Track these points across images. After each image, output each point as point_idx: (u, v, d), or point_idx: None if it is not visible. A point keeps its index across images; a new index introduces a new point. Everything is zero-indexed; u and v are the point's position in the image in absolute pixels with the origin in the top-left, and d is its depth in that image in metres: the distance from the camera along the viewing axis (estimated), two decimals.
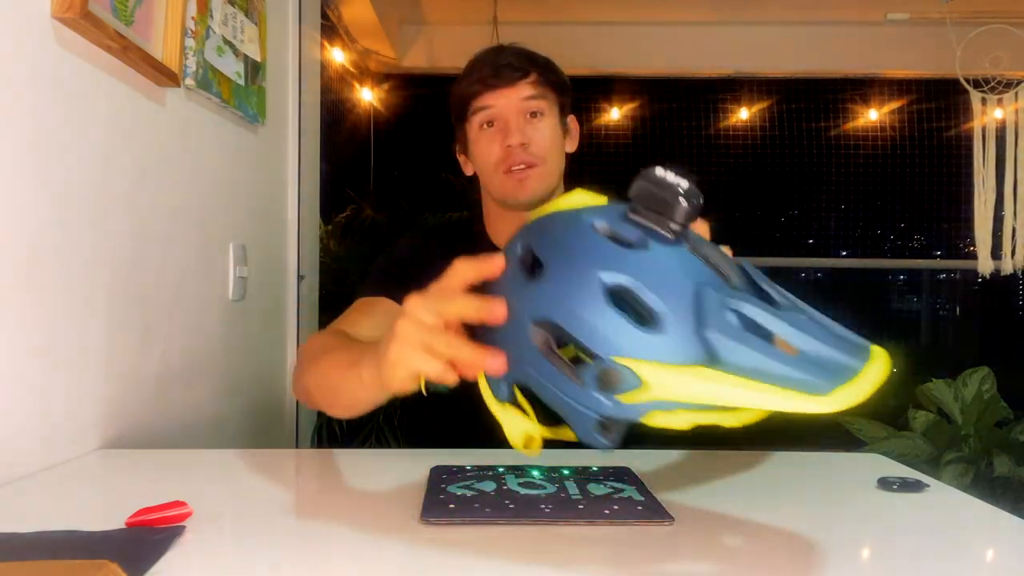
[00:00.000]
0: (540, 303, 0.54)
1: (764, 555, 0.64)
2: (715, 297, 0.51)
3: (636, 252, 0.53)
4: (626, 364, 0.50)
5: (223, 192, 1.50)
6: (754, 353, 0.48)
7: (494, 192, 1.17)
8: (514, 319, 0.56)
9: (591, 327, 0.51)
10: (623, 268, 0.52)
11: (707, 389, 0.48)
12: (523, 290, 0.56)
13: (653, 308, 0.51)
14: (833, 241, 4.21)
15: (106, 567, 0.50)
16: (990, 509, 0.79)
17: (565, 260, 0.54)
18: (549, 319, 0.53)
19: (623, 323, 0.51)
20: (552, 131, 1.16)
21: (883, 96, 4.04)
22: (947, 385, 2.74)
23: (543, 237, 0.58)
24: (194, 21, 1.30)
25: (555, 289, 0.53)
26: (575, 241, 0.55)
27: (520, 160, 1.13)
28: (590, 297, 0.52)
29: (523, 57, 1.16)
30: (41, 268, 0.93)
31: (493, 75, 1.13)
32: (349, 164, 3.77)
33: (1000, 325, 4.21)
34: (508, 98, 1.14)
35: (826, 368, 0.48)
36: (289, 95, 1.91)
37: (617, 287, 0.52)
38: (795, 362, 0.48)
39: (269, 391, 1.81)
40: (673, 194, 0.55)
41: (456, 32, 3.98)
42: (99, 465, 0.98)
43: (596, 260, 0.53)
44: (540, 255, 0.56)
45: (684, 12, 3.81)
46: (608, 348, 0.51)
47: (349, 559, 0.63)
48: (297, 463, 0.98)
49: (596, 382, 0.52)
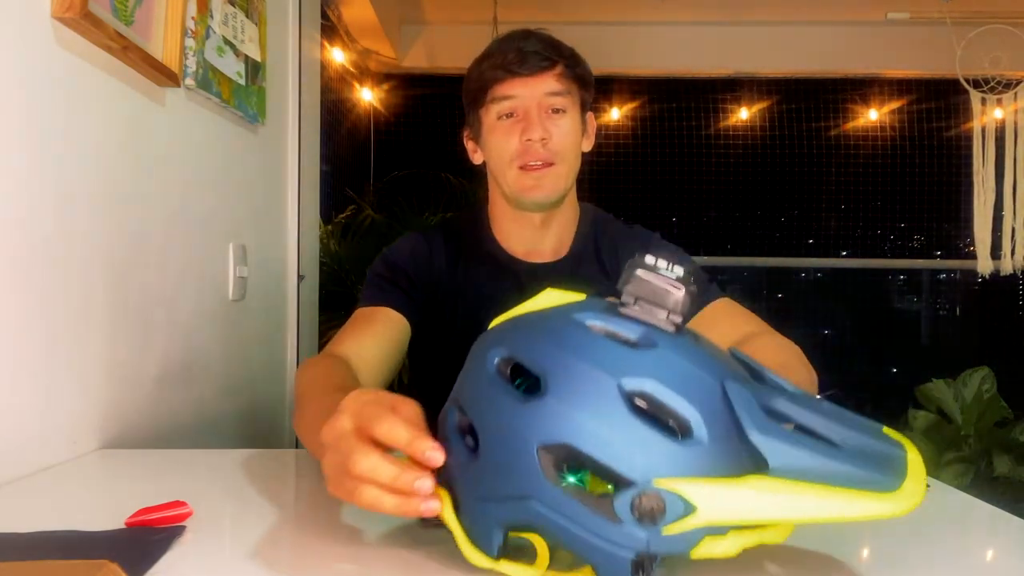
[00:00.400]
0: (548, 423, 0.45)
1: (764, 556, 0.64)
2: (745, 394, 0.45)
3: (645, 352, 0.46)
4: (670, 487, 0.42)
5: (223, 192, 1.50)
6: (807, 453, 0.42)
7: (506, 188, 1.11)
8: (512, 445, 0.46)
9: (618, 446, 0.43)
10: (640, 371, 0.45)
11: (767, 503, 0.42)
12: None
13: (682, 414, 0.44)
14: (833, 241, 4.21)
15: (106, 567, 0.50)
16: (990, 509, 0.79)
17: (571, 368, 0.46)
18: (561, 442, 0.44)
19: (656, 437, 0.43)
20: (573, 129, 1.09)
21: (883, 96, 4.04)
22: (947, 385, 2.75)
23: (532, 344, 0.49)
24: (194, 21, 1.30)
25: (565, 405, 0.45)
26: (576, 345, 0.47)
27: (538, 157, 1.06)
28: (612, 410, 0.44)
29: (551, 46, 1.08)
30: (41, 268, 0.93)
31: (518, 62, 1.05)
32: (349, 164, 3.77)
33: (1000, 325, 4.21)
34: (532, 89, 1.06)
35: (878, 461, 0.44)
36: (289, 95, 1.91)
37: (638, 394, 0.45)
38: (850, 458, 0.43)
39: (269, 391, 1.81)
40: (671, 282, 0.48)
41: (456, 32, 3.98)
42: (99, 465, 0.98)
43: (608, 365, 0.45)
44: (535, 367, 0.47)
45: (684, 12, 3.81)
46: (645, 470, 0.43)
47: (349, 559, 0.63)
48: (297, 463, 0.98)
49: (634, 513, 0.43)
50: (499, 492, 0.47)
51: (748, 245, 4.15)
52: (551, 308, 0.52)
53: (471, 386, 0.51)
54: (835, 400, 0.51)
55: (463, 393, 0.51)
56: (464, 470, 0.49)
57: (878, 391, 4.21)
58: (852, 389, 4.26)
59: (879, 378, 4.22)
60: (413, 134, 4.11)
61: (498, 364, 0.49)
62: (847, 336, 4.34)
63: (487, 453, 0.47)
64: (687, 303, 0.48)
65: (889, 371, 4.25)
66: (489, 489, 0.47)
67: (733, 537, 0.44)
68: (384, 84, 4.10)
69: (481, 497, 0.48)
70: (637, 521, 0.43)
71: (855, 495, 0.41)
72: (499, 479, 0.47)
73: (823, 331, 4.33)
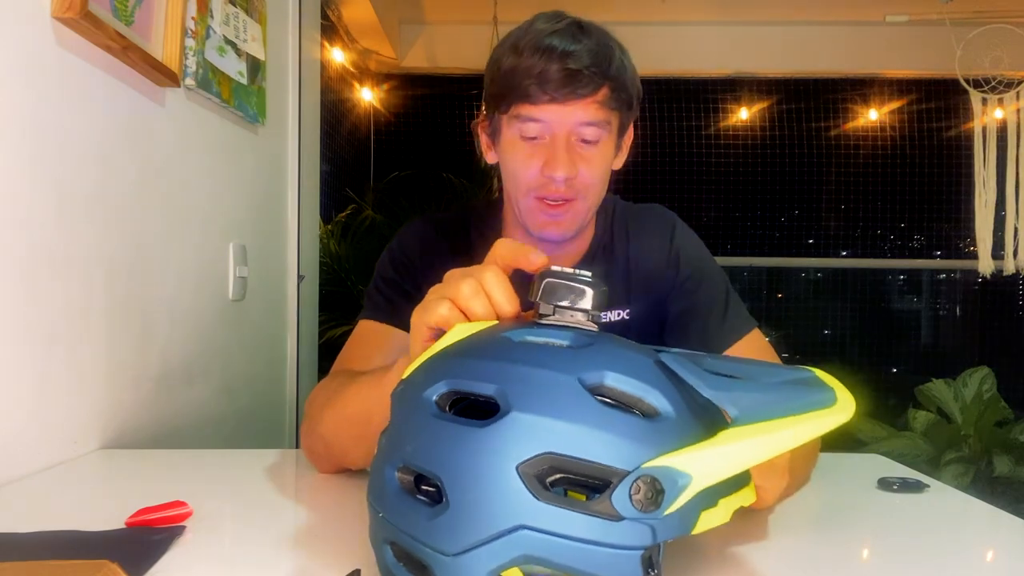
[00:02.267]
0: (520, 439, 0.43)
1: (764, 556, 0.64)
2: (682, 360, 0.46)
3: (585, 350, 0.47)
4: (661, 465, 0.42)
5: (223, 192, 1.50)
6: (758, 395, 0.44)
7: (519, 215, 0.97)
8: (487, 476, 0.43)
9: (600, 441, 0.43)
10: (592, 367, 0.45)
11: (751, 449, 0.43)
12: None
13: (645, 398, 0.45)
14: (833, 241, 4.21)
15: (106, 567, 0.50)
16: (990, 509, 0.79)
17: (528, 378, 0.45)
18: (540, 453, 0.43)
19: (632, 421, 0.44)
20: (603, 161, 0.93)
21: (883, 96, 4.04)
22: (947, 385, 2.75)
23: (474, 369, 0.47)
24: (194, 21, 1.30)
25: (534, 415, 0.43)
26: (522, 357, 0.46)
27: (559, 195, 0.91)
28: (583, 407, 0.43)
29: (602, 58, 0.89)
30: (41, 268, 0.93)
31: (559, 84, 0.86)
32: (349, 164, 3.77)
33: (1000, 325, 4.21)
34: (565, 117, 0.89)
35: (806, 384, 0.46)
36: (289, 95, 1.91)
37: (599, 388, 0.45)
38: (789, 389, 0.45)
39: (269, 391, 1.81)
40: (584, 283, 0.50)
41: (456, 32, 3.98)
42: (99, 465, 0.98)
43: (562, 367, 0.45)
44: (484, 389, 0.45)
45: (684, 12, 3.81)
46: (633, 457, 0.42)
47: (349, 559, 0.63)
48: (297, 463, 0.98)
49: (634, 503, 0.42)
50: (482, 535, 0.43)
51: (748, 245, 4.15)
52: (471, 336, 0.51)
53: (412, 436, 0.47)
54: None
55: (401, 447, 0.47)
56: (429, 529, 0.44)
57: (878, 391, 4.21)
58: (852, 389, 4.25)
59: (879, 378, 4.22)
60: (413, 134, 4.11)
61: (437, 401, 0.47)
62: (847, 336, 4.34)
63: (457, 496, 0.43)
64: (603, 300, 0.50)
65: (889, 371, 4.25)
66: (469, 536, 0.43)
67: (723, 504, 0.45)
68: (384, 84, 4.10)
69: (461, 550, 0.43)
70: (639, 510, 0.42)
71: (813, 416, 0.43)
72: (480, 520, 0.43)
73: (823, 331, 4.33)
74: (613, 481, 0.42)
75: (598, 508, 0.42)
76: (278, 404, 1.86)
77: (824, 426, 0.44)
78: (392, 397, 0.51)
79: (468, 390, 0.46)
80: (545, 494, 0.42)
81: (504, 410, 0.44)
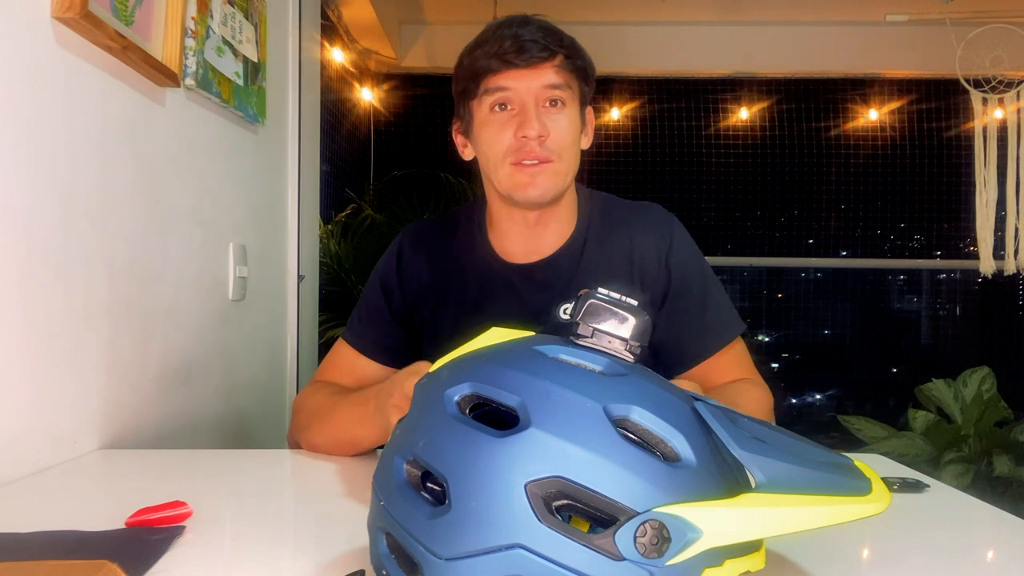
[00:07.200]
0: (534, 457, 0.41)
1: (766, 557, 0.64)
2: (717, 413, 0.44)
3: (617, 380, 0.45)
4: (673, 513, 0.40)
5: (223, 192, 1.50)
6: (789, 466, 0.42)
7: (499, 185, 1.03)
8: (494, 487, 0.42)
9: (615, 475, 0.41)
10: (621, 398, 0.43)
11: (768, 518, 0.41)
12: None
13: (669, 440, 0.43)
14: (833, 241, 4.21)
15: (106, 567, 0.50)
16: (990, 509, 0.79)
17: (553, 396, 0.43)
18: (551, 476, 0.41)
19: (651, 462, 0.41)
20: (571, 124, 1.02)
21: (883, 96, 4.04)
22: (947, 385, 2.74)
23: (501, 377, 0.46)
24: (194, 21, 1.30)
25: (552, 435, 0.42)
26: (551, 373, 0.45)
27: (534, 155, 0.99)
28: (603, 437, 0.42)
29: (550, 34, 1.00)
30: (41, 268, 0.93)
31: (516, 51, 0.97)
32: (349, 164, 3.77)
33: (1000, 325, 4.21)
34: (529, 81, 0.99)
35: (842, 468, 0.44)
36: (289, 95, 1.91)
37: (624, 421, 0.43)
38: (823, 467, 0.43)
39: (269, 391, 1.81)
40: (628, 311, 0.48)
41: (456, 32, 3.98)
42: (99, 465, 0.98)
43: (591, 392, 0.43)
44: (508, 400, 0.44)
45: (684, 12, 3.81)
46: (645, 499, 0.40)
47: (349, 559, 0.63)
48: (297, 463, 0.98)
49: (638, 546, 0.40)
50: (479, 545, 0.41)
51: (748, 245, 4.15)
52: (504, 343, 0.50)
53: (427, 431, 0.46)
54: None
55: (414, 441, 0.46)
56: (427, 529, 0.43)
57: (878, 391, 4.21)
58: (852, 389, 4.26)
59: (879, 378, 4.22)
60: (413, 134, 4.11)
61: (459, 402, 0.46)
62: (847, 336, 4.34)
63: (460, 501, 0.42)
64: (645, 332, 0.48)
65: (889, 371, 4.24)
66: (465, 544, 0.42)
67: (729, 564, 0.43)
68: (384, 84, 4.10)
69: (454, 555, 0.42)
70: (641, 554, 0.40)
71: (842, 500, 0.42)
72: (479, 530, 0.41)
73: (823, 331, 4.33)
74: (620, 519, 0.41)
75: (600, 543, 0.41)
76: (278, 404, 1.86)
77: (853, 513, 0.42)
78: (416, 388, 0.50)
79: (491, 397, 0.45)
80: (549, 518, 0.41)
81: (523, 424, 0.43)
